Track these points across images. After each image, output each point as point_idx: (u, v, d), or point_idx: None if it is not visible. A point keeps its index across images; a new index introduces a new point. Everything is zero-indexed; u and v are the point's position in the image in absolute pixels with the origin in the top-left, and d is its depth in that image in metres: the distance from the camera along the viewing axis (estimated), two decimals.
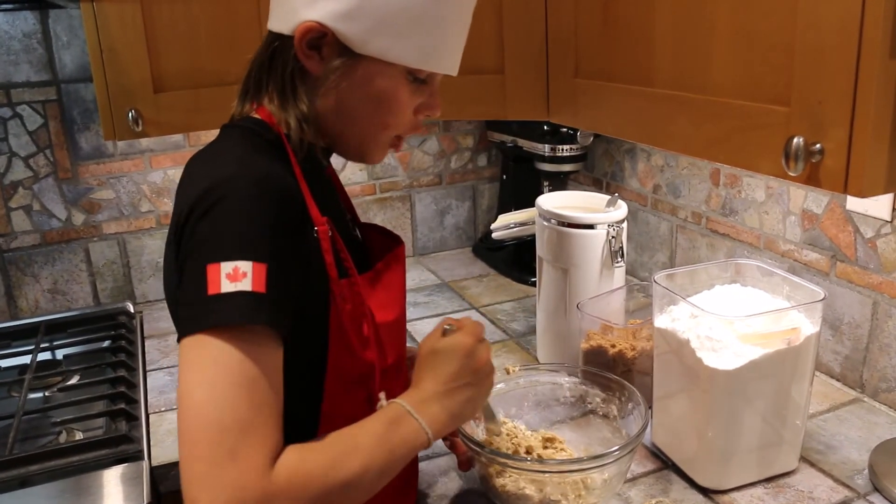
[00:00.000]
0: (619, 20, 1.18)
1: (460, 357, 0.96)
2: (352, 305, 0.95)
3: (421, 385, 0.96)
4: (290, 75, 0.94)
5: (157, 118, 1.44)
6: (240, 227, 0.82)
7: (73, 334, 1.82)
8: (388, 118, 0.98)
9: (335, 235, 0.95)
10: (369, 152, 1.02)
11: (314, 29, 0.90)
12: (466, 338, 0.98)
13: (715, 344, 1.11)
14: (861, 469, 1.22)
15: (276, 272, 0.81)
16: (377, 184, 2.26)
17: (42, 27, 1.80)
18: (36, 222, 1.91)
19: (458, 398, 0.96)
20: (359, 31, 0.90)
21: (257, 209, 0.83)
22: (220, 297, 0.78)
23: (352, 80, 0.94)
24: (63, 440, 1.39)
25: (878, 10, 0.76)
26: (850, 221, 1.40)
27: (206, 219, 0.82)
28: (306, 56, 0.92)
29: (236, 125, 0.98)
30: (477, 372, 0.98)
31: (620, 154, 2.04)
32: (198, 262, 0.81)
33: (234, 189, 0.83)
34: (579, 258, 1.45)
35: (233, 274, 0.79)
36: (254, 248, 0.81)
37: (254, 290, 0.79)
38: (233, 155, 0.91)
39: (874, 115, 0.79)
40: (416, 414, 0.92)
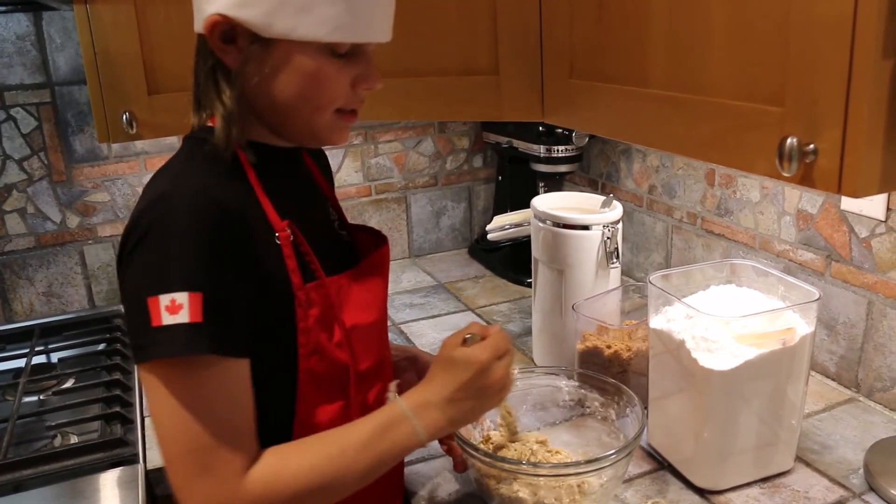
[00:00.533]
0: (614, 20, 1.18)
1: (472, 372, 0.96)
2: (320, 309, 0.96)
3: (429, 387, 0.97)
4: (210, 72, 0.93)
5: (151, 120, 1.44)
6: (172, 256, 0.83)
7: (67, 337, 1.82)
8: (319, 98, 0.94)
9: (299, 239, 0.95)
10: (323, 135, 0.98)
11: (219, 21, 0.88)
12: (483, 353, 0.97)
13: (710, 344, 1.11)
14: (856, 468, 1.22)
15: (212, 298, 0.83)
16: (372, 185, 2.26)
17: (36, 29, 1.79)
18: (30, 225, 1.91)
19: (462, 408, 0.97)
20: (259, 14, 0.87)
21: (188, 234, 0.83)
22: (161, 329, 0.81)
23: (270, 66, 0.91)
24: (58, 444, 1.38)
25: (870, 11, 0.76)
26: (844, 221, 1.40)
27: (140, 248, 0.84)
28: (222, 50, 0.91)
29: (191, 136, 0.98)
30: (486, 389, 0.98)
31: (616, 155, 2.04)
32: (138, 294, 0.83)
33: (165, 214, 0.84)
34: (575, 259, 1.45)
35: (171, 306, 0.81)
36: (187, 277, 0.82)
37: (191, 322, 0.81)
38: (171, 173, 0.92)
39: (868, 116, 0.78)
40: (416, 418, 0.94)
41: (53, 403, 1.52)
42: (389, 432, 0.92)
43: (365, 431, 0.92)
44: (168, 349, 0.81)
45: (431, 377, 0.98)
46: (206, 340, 0.82)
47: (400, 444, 0.93)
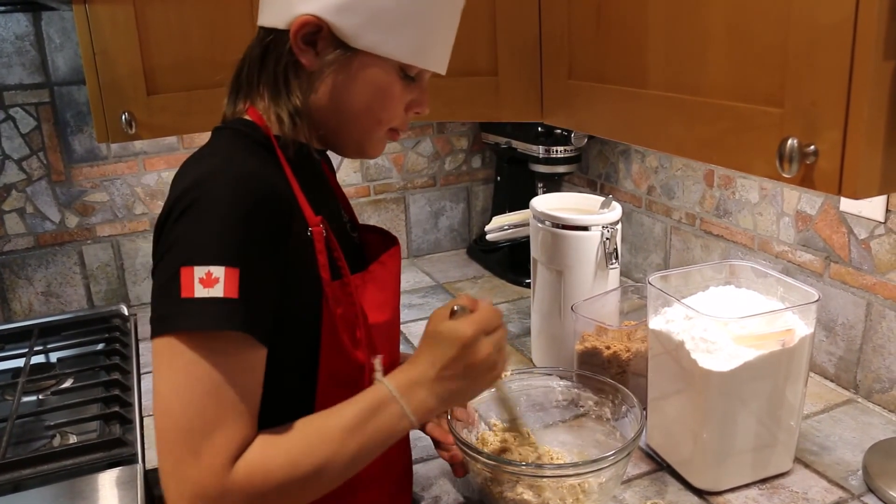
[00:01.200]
0: (613, 21, 1.18)
1: (457, 347, 0.91)
2: (344, 307, 0.95)
3: (416, 365, 0.93)
4: (283, 70, 0.94)
5: (149, 120, 1.44)
6: (215, 230, 0.82)
7: (66, 337, 1.82)
8: (382, 113, 0.98)
9: (329, 235, 0.95)
10: (367, 147, 1.02)
11: (310, 23, 0.90)
12: (469, 328, 0.92)
13: (709, 345, 1.11)
14: (855, 470, 1.22)
15: (249, 276, 0.82)
16: (371, 185, 2.26)
17: (35, 29, 1.79)
18: (29, 225, 1.91)
19: (450, 387, 0.92)
20: (353, 24, 0.91)
21: (234, 210, 0.83)
22: (192, 301, 0.79)
23: (346, 75, 0.94)
24: (57, 444, 1.38)
25: (872, 11, 0.76)
26: (843, 222, 1.40)
27: (183, 218, 0.83)
28: (301, 50, 0.92)
29: (227, 127, 0.98)
30: (472, 367, 0.92)
31: (615, 155, 2.04)
32: (173, 262, 0.82)
33: (213, 188, 0.83)
34: (573, 260, 1.45)
35: (206, 279, 0.80)
36: (227, 252, 0.81)
37: (226, 297, 0.80)
38: (219, 155, 0.91)
39: (868, 117, 0.78)
40: (402, 399, 0.90)
41: (52, 403, 1.52)
42: (376, 415, 0.88)
43: (351, 415, 0.88)
44: (197, 321, 0.79)
45: (418, 354, 0.94)
46: (239, 317, 0.80)
47: (388, 427, 0.89)
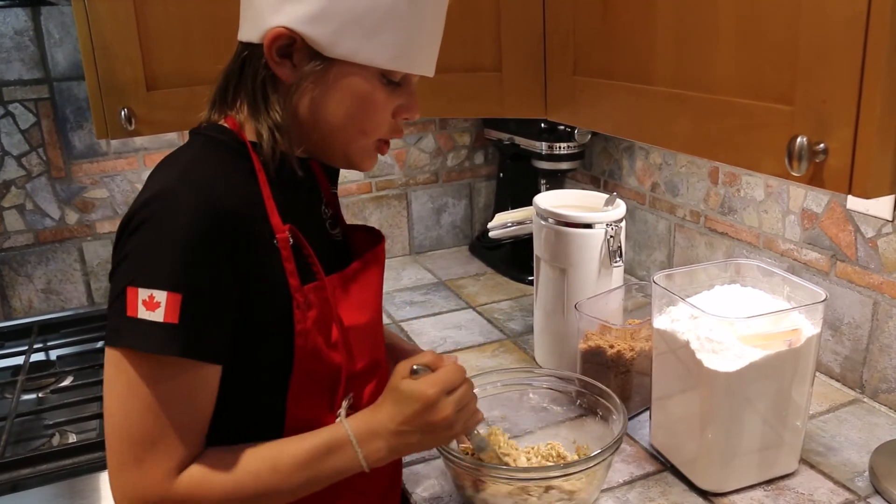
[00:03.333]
0: (619, 16, 1.16)
1: (417, 407, 0.94)
2: (318, 310, 0.95)
3: (377, 415, 0.96)
4: (261, 84, 0.93)
5: (149, 117, 1.43)
6: (162, 253, 0.83)
7: (66, 335, 1.81)
8: (366, 123, 0.96)
9: (300, 241, 0.94)
10: (355, 159, 1.00)
11: (283, 35, 0.89)
12: (430, 389, 0.94)
13: (715, 345, 1.10)
14: (861, 471, 1.21)
15: (194, 301, 0.83)
16: (373, 182, 2.25)
17: (34, 24, 1.78)
18: (29, 222, 1.90)
19: (406, 440, 0.95)
20: (327, 33, 0.89)
21: (184, 235, 0.83)
22: (135, 322, 0.81)
23: (325, 85, 0.92)
24: (56, 443, 1.37)
25: (885, 7, 0.74)
26: (850, 221, 1.39)
27: (136, 235, 0.84)
28: (277, 63, 0.91)
29: (200, 132, 0.98)
30: (431, 426, 0.95)
31: (618, 152, 2.03)
32: (122, 279, 0.83)
33: (168, 208, 0.84)
34: (577, 258, 1.44)
35: (148, 301, 0.81)
36: (171, 277, 0.82)
37: (165, 322, 0.81)
38: (179, 167, 0.91)
39: (880, 115, 0.77)
40: (359, 445, 0.93)
41: (52, 401, 1.52)
42: (330, 455, 0.92)
43: (304, 450, 0.91)
44: (138, 342, 0.82)
45: (380, 404, 0.97)
46: (177, 343, 0.82)
47: (339, 469, 0.93)
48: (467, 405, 0.99)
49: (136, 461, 0.83)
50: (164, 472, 0.84)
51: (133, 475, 0.83)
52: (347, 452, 0.93)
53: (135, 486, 0.83)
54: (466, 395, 0.99)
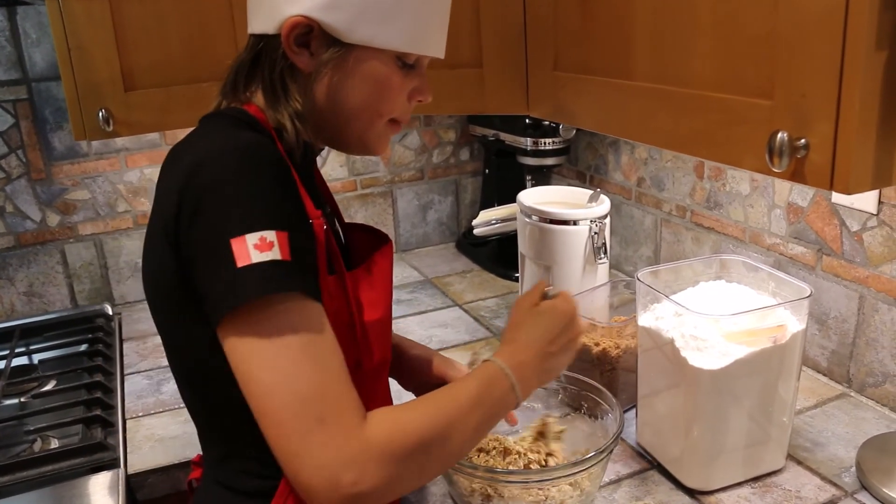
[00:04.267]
0: (599, 11, 1.15)
1: (564, 321, 0.98)
2: (338, 303, 0.93)
3: (518, 344, 0.96)
4: (279, 75, 0.92)
5: (127, 117, 1.41)
6: (252, 195, 0.79)
7: (49, 338, 1.79)
8: (383, 105, 0.96)
9: (329, 231, 0.92)
10: (371, 143, 1.00)
11: (300, 23, 0.88)
12: (571, 305, 1.00)
13: (700, 343, 1.09)
14: (848, 466, 1.20)
15: (296, 239, 0.79)
16: (358, 180, 2.23)
17: (10, 24, 1.75)
18: (10, 224, 1.87)
19: (551, 364, 0.97)
20: (344, 19, 0.89)
21: (260, 176, 0.80)
22: (252, 268, 0.75)
23: (343, 71, 0.92)
24: (38, 448, 1.36)
25: (863, 0, 0.73)
26: (835, 215, 1.38)
27: (210, 194, 0.79)
28: (295, 53, 0.90)
29: (221, 113, 0.95)
30: (573, 341, 0.99)
31: (604, 147, 2.02)
32: (218, 239, 0.77)
33: (230, 160, 0.80)
34: (561, 255, 1.43)
35: (260, 244, 0.76)
36: (272, 216, 0.78)
37: (283, 259, 0.77)
38: (218, 133, 0.87)
39: (860, 109, 0.76)
40: (512, 374, 0.92)
41: (34, 406, 1.49)
42: (493, 388, 0.90)
43: (472, 387, 0.89)
44: (264, 286, 0.75)
45: (514, 336, 0.97)
46: (297, 279, 0.78)
47: (502, 402, 0.91)
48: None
49: (319, 421, 0.75)
50: (353, 420, 0.76)
51: (323, 437, 0.74)
52: (505, 384, 0.91)
53: (331, 447, 0.75)
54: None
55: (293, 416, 0.75)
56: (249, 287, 0.75)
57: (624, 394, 1.37)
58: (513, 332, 0.98)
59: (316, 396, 0.76)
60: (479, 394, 0.88)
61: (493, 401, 0.90)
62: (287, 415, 0.75)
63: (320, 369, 0.77)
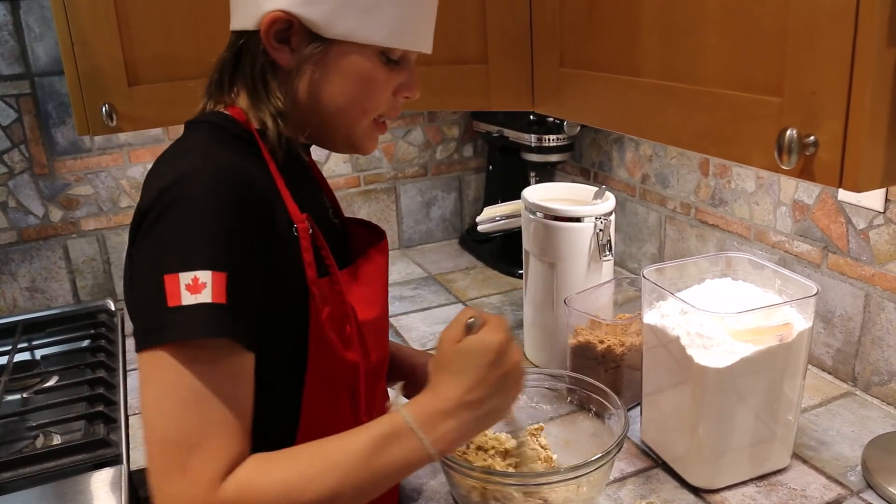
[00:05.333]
0: (605, 7, 1.14)
1: (491, 358, 0.85)
2: (332, 305, 0.92)
3: (439, 391, 0.85)
4: (260, 72, 0.91)
5: (131, 112, 1.40)
6: (198, 233, 0.78)
7: (51, 334, 1.78)
8: (367, 102, 0.94)
9: (316, 232, 0.92)
10: (357, 141, 0.99)
11: (280, 18, 0.87)
12: (497, 334, 0.86)
13: (705, 341, 1.08)
14: (854, 465, 1.19)
15: (236, 280, 0.78)
16: (361, 176, 2.23)
17: (13, 18, 1.75)
18: (12, 219, 1.87)
19: (480, 411, 0.86)
20: (324, 13, 0.87)
21: (216, 211, 0.79)
22: (180, 310, 0.76)
23: (325, 67, 0.91)
24: (40, 444, 1.35)
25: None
26: (842, 212, 1.37)
27: (162, 222, 0.79)
28: (275, 49, 0.89)
29: (203, 120, 0.95)
30: (505, 378, 0.87)
31: (608, 144, 2.01)
32: (154, 273, 0.78)
33: (193, 187, 0.80)
34: (566, 252, 1.42)
35: (192, 285, 0.76)
36: (212, 255, 0.78)
37: (214, 302, 0.76)
38: (196, 149, 0.87)
39: (870, 107, 0.75)
40: (421, 431, 0.83)
41: (36, 402, 1.49)
42: (390, 447, 0.82)
43: (361, 444, 0.81)
44: (187, 330, 0.76)
45: (437, 382, 0.87)
46: (228, 323, 0.77)
47: (403, 461, 0.83)
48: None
49: (181, 469, 0.75)
50: (211, 477, 0.76)
51: (178, 486, 0.75)
52: (408, 441, 0.82)
53: (181, 497, 0.75)
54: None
55: (161, 455, 0.77)
56: (172, 330, 0.76)
57: (628, 391, 1.36)
58: (435, 378, 0.87)
59: (187, 445, 0.76)
60: (369, 452, 0.81)
61: (390, 460, 0.82)
62: (157, 451, 0.77)
63: (204, 422, 0.77)
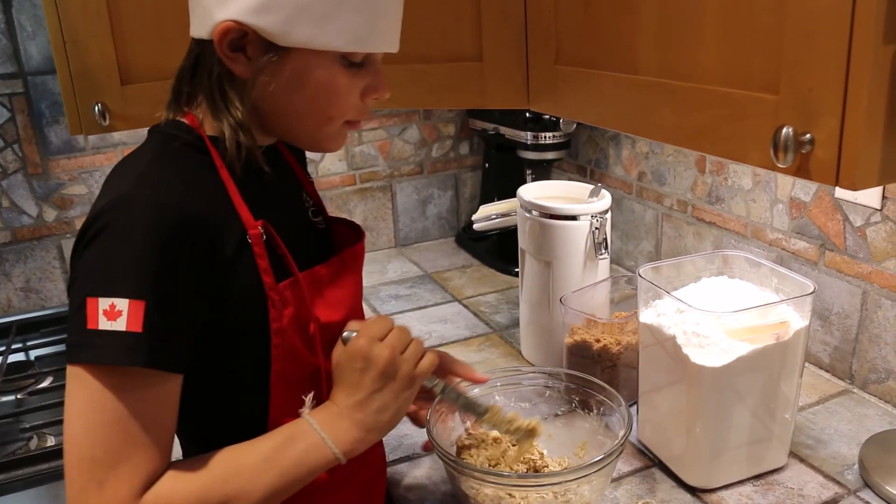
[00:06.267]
0: (601, 4, 1.13)
1: (358, 365, 0.91)
2: (294, 308, 0.92)
3: (333, 397, 0.93)
4: (217, 81, 0.89)
5: (124, 111, 1.39)
6: (122, 260, 0.79)
7: (45, 334, 1.78)
8: (331, 109, 0.92)
9: (273, 237, 0.91)
10: (323, 143, 0.97)
11: (232, 28, 0.84)
12: (359, 341, 0.92)
13: (702, 340, 1.08)
14: (851, 464, 1.19)
15: (158, 308, 0.79)
16: (357, 174, 2.22)
17: (5, 17, 1.74)
18: (6, 219, 1.86)
19: (369, 409, 0.91)
20: (278, 21, 0.84)
21: (143, 239, 0.80)
22: (96, 334, 0.78)
23: (283, 77, 0.88)
24: (34, 446, 1.35)
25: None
26: (838, 209, 1.37)
27: (93, 245, 0.81)
28: (230, 59, 0.87)
29: (159, 129, 0.94)
30: (380, 377, 0.91)
31: (604, 141, 2.00)
32: (80, 290, 0.80)
33: (125, 215, 0.81)
34: (562, 250, 1.42)
35: (109, 311, 0.78)
36: (133, 284, 0.79)
37: (128, 331, 0.78)
38: (137, 171, 0.87)
39: (867, 104, 0.75)
40: (324, 431, 0.89)
41: (30, 403, 1.49)
42: (293, 446, 0.88)
43: (266, 447, 0.87)
44: (98, 355, 0.78)
45: (333, 390, 0.94)
46: (141, 352, 0.79)
47: (308, 460, 0.88)
48: (409, 348, 0.94)
49: (98, 484, 0.78)
50: (127, 494, 0.79)
51: (94, 500, 0.78)
52: (311, 439, 0.89)
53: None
54: (401, 338, 0.94)
55: (78, 468, 0.78)
56: (86, 352, 0.78)
57: (625, 390, 1.36)
58: (333, 387, 0.94)
59: (106, 463, 0.78)
60: (274, 454, 0.87)
61: (295, 459, 0.87)
62: (75, 464, 0.79)
63: (124, 440, 0.79)
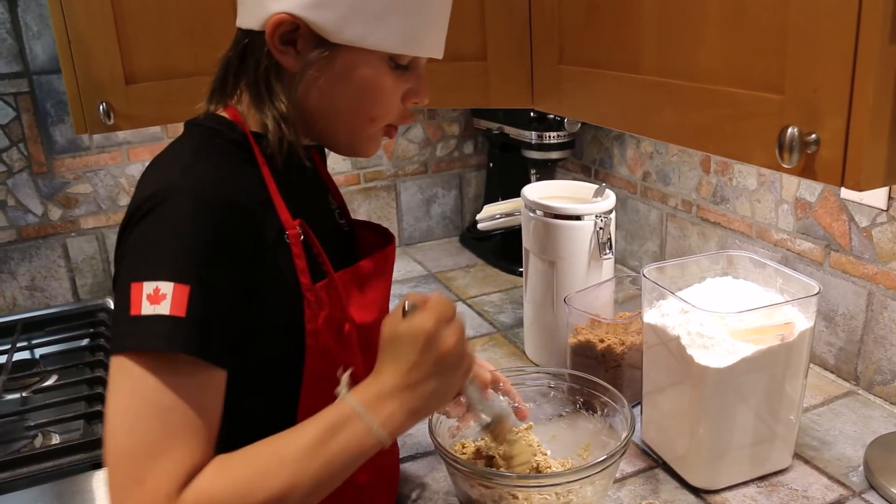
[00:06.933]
0: (605, 4, 1.13)
1: (421, 343, 0.84)
2: (329, 309, 0.91)
3: (380, 376, 0.86)
4: (264, 73, 0.89)
5: (128, 111, 1.39)
6: (167, 245, 0.78)
7: (50, 332, 1.78)
8: (375, 109, 0.92)
9: (310, 237, 0.90)
10: (360, 146, 0.97)
11: (285, 21, 0.85)
12: (427, 320, 0.84)
13: (706, 340, 1.07)
14: (856, 465, 1.19)
15: (202, 294, 0.77)
16: (361, 173, 2.22)
17: (11, 17, 1.74)
18: (11, 218, 1.86)
19: (421, 392, 0.85)
20: (332, 18, 0.85)
21: (189, 225, 0.79)
22: (139, 320, 0.76)
23: (331, 73, 0.88)
24: (39, 444, 1.35)
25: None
26: (844, 210, 1.36)
27: (137, 231, 0.80)
28: (280, 52, 0.87)
29: (199, 123, 0.94)
30: (441, 361, 0.85)
31: (609, 141, 2.00)
32: (125, 278, 0.78)
33: (171, 201, 0.80)
34: (566, 250, 1.42)
35: (153, 295, 0.76)
36: (178, 267, 0.77)
37: (171, 315, 0.76)
38: (181, 161, 0.86)
39: (873, 104, 0.74)
40: (368, 414, 0.83)
41: (35, 401, 1.49)
42: (339, 434, 0.82)
43: (310, 436, 0.81)
44: (139, 341, 0.76)
45: (380, 365, 0.86)
46: (183, 337, 0.76)
47: (354, 447, 0.82)
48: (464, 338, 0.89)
49: (138, 481, 0.74)
50: (168, 490, 0.74)
51: (135, 497, 0.73)
52: (356, 425, 0.82)
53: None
54: (463, 326, 0.89)
55: (118, 465, 0.75)
56: (129, 339, 0.76)
57: (628, 391, 1.35)
58: (378, 362, 0.87)
59: (145, 457, 0.75)
60: (319, 442, 0.81)
61: (340, 448, 0.81)
62: (115, 460, 0.75)
63: (165, 434, 0.76)
